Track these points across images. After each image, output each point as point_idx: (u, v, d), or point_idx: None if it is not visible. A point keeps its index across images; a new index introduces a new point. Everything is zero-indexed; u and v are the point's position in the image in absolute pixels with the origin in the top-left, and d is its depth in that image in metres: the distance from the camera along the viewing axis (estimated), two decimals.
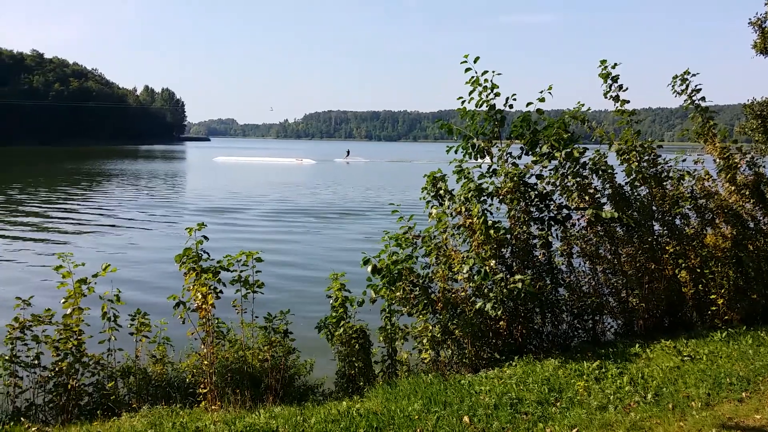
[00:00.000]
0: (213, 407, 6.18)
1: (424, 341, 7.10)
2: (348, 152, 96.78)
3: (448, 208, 7.53)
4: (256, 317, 7.05)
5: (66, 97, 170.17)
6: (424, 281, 7.24)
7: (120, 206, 32.63)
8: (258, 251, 6.98)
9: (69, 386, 6.37)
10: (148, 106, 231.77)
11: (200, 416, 5.85)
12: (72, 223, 26.52)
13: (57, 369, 6.38)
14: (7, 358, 6.36)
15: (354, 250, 19.49)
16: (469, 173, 7.55)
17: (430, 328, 7.10)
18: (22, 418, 6.17)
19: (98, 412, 6.35)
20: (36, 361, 6.47)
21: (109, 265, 6.52)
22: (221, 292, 6.64)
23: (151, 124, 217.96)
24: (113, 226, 25.88)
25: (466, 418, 5.35)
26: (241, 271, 6.91)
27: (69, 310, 6.43)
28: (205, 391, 6.37)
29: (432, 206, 7.69)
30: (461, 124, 8.00)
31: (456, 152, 7.74)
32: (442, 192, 7.61)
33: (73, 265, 6.40)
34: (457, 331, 6.98)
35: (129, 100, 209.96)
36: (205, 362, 6.46)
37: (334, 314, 7.09)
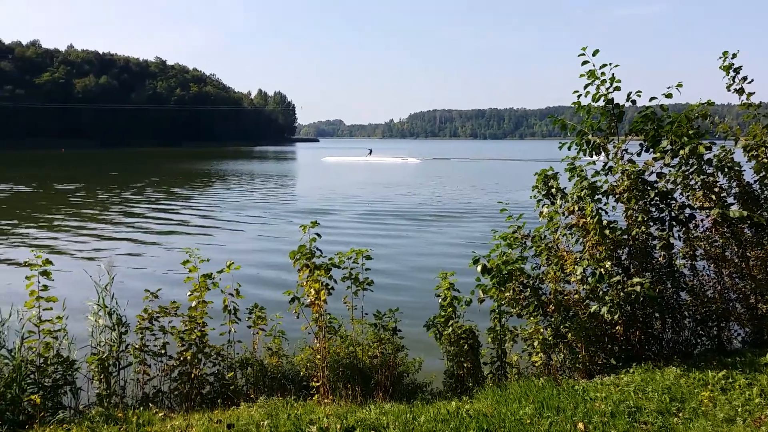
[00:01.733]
0: (325, 400, 6.35)
1: (535, 344, 6.93)
2: (370, 151, 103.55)
3: (560, 207, 7.31)
4: (366, 314, 7.18)
5: (186, 102, 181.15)
6: (534, 282, 7.08)
7: (233, 205, 34.38)
8: (368, 249, 7.11)
9: (192, 375, 6.76)
10: (262, 108, 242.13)
11: (313, 409, 6.03)
12: (190, 221, 28.21)
13: (182, 358, 6.78)
14: (137, 346, 6.85)
15: (446, 255, 19.46)
16: (582, 171, 7.29)
17: (541, 330, 6.93)
18: (150, 404, 6.63)
19: (219, 400, 6.68)
20: (163, 351, 6.92)
21: (232, 263, 6.88)
22: (333, 288, 6.81)
23: (264, 126, 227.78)
24: (227, 223, 27.30)
25: (580, 425, 5.18)
26: (352, 269, 7.07)
27: (194, 303, 6.83)
28: (317, 384, 6.55)
29: (543, 205, 7.49)
30: (573, 120, 7.75)
31: (569, 149, 7.50)
32: (553, 190, 7.40)
33: (198, 261, 6.79)
34: (569, 335, 6.77)
35: (244, 104, 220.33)
36: (318, 356, 6.65)
37: (442, 313, 7.08)
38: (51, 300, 6.57)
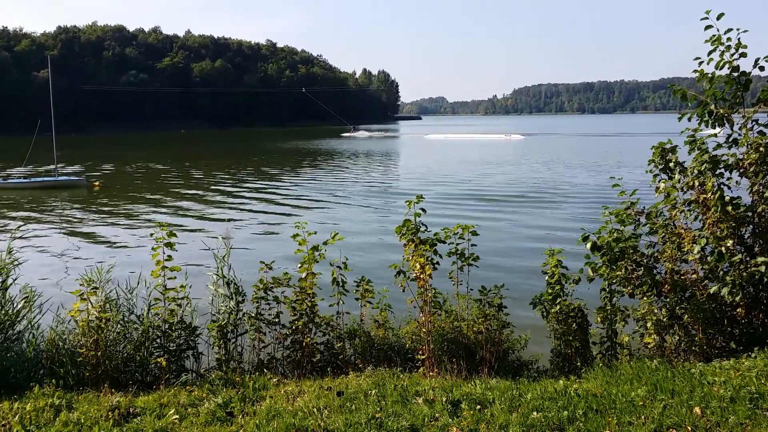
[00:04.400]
0: (431, 373, 6.44)
1: (648, 325, 6.65)
2: (353, 127, 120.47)
3: (679, 182, 6.93)
4: (471, 290, 7.17)
5: (295, 82, 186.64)
6: (648, 261, 6.78)
7: (337, 182, 35.26)
8: (474, 225, 7.08)
9: (303, 344, 7.05)
10: (366, 87, 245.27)
11: (419, 381, 6.13)
12: (299, 195, 29.39)
13: (294, 327, 7.09)
14: (253, 315, 7.22)
15: (548, 230, 18.90)
16: (703, 143, 6.87)
17: (655, 311, 6.64)
18: (264, 369, 7.00)
19: (328, 369, 6.94)
20: (276, 319, 7.26)
21: (337, 233, 7.08)
22: (438, 263, 6.85)
23: (368, 104, 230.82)
24: (333, 198, 28.06)
25: (697, 410, 4.95)
26: (457, 244, 7.07)
27: (304, 275, 7.10)
28: (423, 357, 6.64)
29: (660, 180, 7.13)
30: (692, 90, 7.29)
31: (689, 120, 7.07)
32: (671, 164, 7.02)
33: (307, 234, 7.04)
34: (685, 317, 6.45)
35: (349, 83, 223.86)
36: (423, 330, 6.73)
37: (550, 291, 6.94)
38: (174, 269, 7.05)
